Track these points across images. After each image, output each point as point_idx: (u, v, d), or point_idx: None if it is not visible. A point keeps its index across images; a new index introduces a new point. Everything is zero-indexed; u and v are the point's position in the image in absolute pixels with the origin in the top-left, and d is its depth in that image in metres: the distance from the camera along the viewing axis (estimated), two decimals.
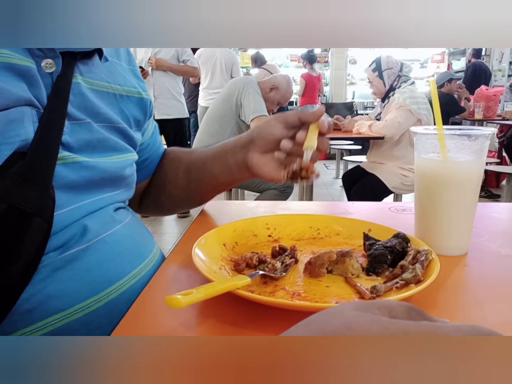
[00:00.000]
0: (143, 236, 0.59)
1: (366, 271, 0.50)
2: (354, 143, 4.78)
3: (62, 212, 0.46)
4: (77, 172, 0.48)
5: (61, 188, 0.45)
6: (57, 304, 0.44)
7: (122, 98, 0.57)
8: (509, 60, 6.16)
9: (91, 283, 0.46)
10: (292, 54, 7.50)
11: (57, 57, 0.45)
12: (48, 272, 0.44)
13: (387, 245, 0.51)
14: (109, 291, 0.48)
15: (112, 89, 0.55)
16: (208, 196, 0.73)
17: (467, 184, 0.56)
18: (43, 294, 0.43)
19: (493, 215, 0.78)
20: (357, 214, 0.77)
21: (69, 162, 0.47)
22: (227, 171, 0.64)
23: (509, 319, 0.42)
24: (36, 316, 0.42)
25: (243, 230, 0.60)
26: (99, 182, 0.51)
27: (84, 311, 0.45)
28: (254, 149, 0.60)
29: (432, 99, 0.59)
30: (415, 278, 0.44)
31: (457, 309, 0.44)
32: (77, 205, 0.48)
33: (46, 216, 0.43)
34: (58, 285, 0.44)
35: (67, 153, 0.46)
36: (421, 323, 0.22)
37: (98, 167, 0.50)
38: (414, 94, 2.34)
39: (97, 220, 0.50)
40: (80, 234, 0.47)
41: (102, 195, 0.52)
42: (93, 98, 0.51)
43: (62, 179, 0.46)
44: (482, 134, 0.54)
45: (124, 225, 0.54)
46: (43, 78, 0.44)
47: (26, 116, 0.42)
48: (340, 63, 7.16)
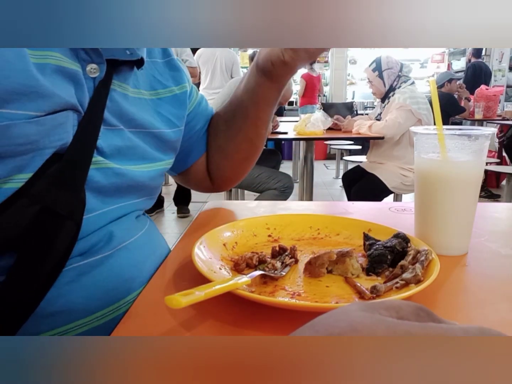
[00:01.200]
0: (160, 243, 0.60)
1: (366, 271, 0.50)
2: (354, 143, 4.78)
3: (90, 216, 0.46)
4: (109, 177, 0.48)
5: (92, 192, 0.46)
6: (80, 310, 0.44)
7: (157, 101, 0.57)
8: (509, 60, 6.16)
9: (113, 290, 0.47)
10: None
11: (102, 63, 0.46)
12: (73, 277, 0.44)
13: (387, 245, 0.51)
14: (128, 299, 0.48)
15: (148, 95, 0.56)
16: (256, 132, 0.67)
17: (467, 184, 0.56)
18: (67, 298, 0.43)
19: (493, 215, 0.78)
20: (357, 214, 0.77)
21: (102, 167, 0.47)
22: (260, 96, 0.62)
23: (509, 319, 0.42)
24: (59, 320, 0.43)
25: (243, 230, 0.60)
26: (126, 189, 0.52)
27: (104, 318, 0.45)
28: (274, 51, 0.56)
29: (432, 99, 0.59)
30: (415, 278, 0.44)
31: (457, 309, 0.44)
32: (104, 210, 0.48)
33: (77, 219, 0.43)
34: (82, 291, 0.44)
35: (100, 158, 0.47)
36: (427, 325, 0.22)
37: (127, 174, 0.51)
38: (415, 94, 2.34)
39: (122, 227, 0.50)
40: (106, 240, 0.48)
41: (127, 202, 0.53)
42: (127, 104, 0.51)
43: (94, 183, 0.46)
44: (482, 134, 0.54)
45: (144, 232, 0.55)
46: (86, 82, 0.45)
47: (69, 120, 0.43)
48: (340, 63, 7.16)
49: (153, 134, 0.55)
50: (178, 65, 0.63)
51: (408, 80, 2.43)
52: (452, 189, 0.56)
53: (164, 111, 0.58)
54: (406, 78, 2.44)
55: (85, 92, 0.45)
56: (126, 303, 0.47)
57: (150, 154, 0.56)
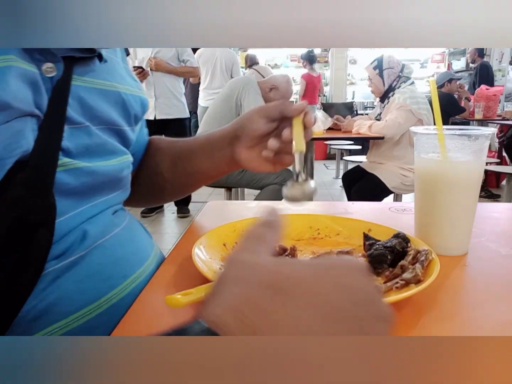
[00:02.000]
0: (142, 238, 0.58)
1: None
2: (354, 143, 4.78)
3: (62, 219, 0.45)
4: (78, 178, 0.47)
5: (62, 195, 0.45)
6: (57, 312, 0.43)
7: (125, 95, 0.56)
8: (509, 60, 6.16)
9: (91, 289, 0.46)
10: (292, 54, 7.49)
11: (58, 61, 0.44)
12: (49, 281, 0.43)
13: (387, 245, 0.51)
14: (109, 296, 0.47)
15: (114, 87, 0.54)
16: (194, 187, 0.72)
17: (467, 184, 0.56)
18: (45, 302, 0.42)
19: (493, 215, 0.78)
20: (357, 214, 0.77)
21: (70, 168, 0.46)
22: (215, 165, 0.64)
23: (509, 319, 0.42)
24: (40, 324, 0.42)
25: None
26: (99, 186, 0.51)
27: (85, 318, 0.44)
28: (240, 145, 0.60)
29: (432, 99, 0.59)
30: (415, 278, 0.44)
31: (457, 309, 0.44)
32: (77, 211, 0.47)
33: (49, 225, 0.42)
34: (59, 293, 0.43)
35: (67, 159, 0.45)
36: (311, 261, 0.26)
37: (98, 171, 0.49)
38: (415, 94, 2.34)
39: (96, 225, 0.49)
40: (79, 240, 0.46)
41: (101, 199, 0.52)
42: (92, 99, 0.50)
43: (63, 186, 0.45)
44: (482, 134, 0.54)
45: (123, 228, 0.53)
46: (44, 83, 0.43)
47: (27, 126, 0.41)
48: (340, 63, 7.16)
49: (117, 131, 0.55)
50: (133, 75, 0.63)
51: (408, 80, 2.43)
52: (452, 189, 0.56)
53: (130, 108, 0.57)
54: (406, 79, 2.44)
55: (43, 94, 0.43)
56: (107, 301, 0.46)
57: (118, 148, 0.55)
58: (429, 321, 0.41)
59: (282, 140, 0.56)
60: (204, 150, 0.65)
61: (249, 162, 0.60)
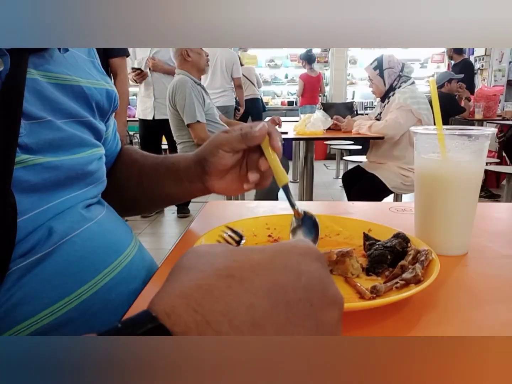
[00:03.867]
0: (119, 231, 0.56)
1: (366, 271, 0.50)
2: (354, 143, 4.78)
3: (26, 217, 0.43)
4: (39, 174, 0.45)
5: (23, 192, 0.43)
6: (24, 311, 0.42)
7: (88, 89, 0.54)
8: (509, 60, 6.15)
9: (60, 285, 0.44)
10: (292, 54, 7.49)
11: (4, 55, 0.42)
12: (14, 281, 0.42)
13: (387, 245, 0.51)
14: (80, 291, 0.45)
15: (75, 81, 0.52)
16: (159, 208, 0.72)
17: (467, 184, 0.56)
18: (11, 302, 0.41)
19: (493, 215, 0.78)
20: (357, 214, 0.77)
21: (30, 164, 0.44)
22: (185, 192, 0.64)
23: (509, 319, 0.42)
24: (6, 324, 0.41)
25: (243, 230, 0.59)
26: (66, 181, 0.49)
27: (54, 315, 0.43)
28: (211, 179, 0.59)
29: (432, 99, 0.59)
30: (415, 278, 0.44)
31: (457, 309, 0.44)
32: (42, 208, 0.46)
33: (8, 226, 0.41)
34: (24, 292, 0.42)
35: (26, 156, 0.44)
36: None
37: (62, 166, 0.48)
38: (415, 94, 2.34)
39: (63, 221, 0.47)
40: (45, 237, 0.45)
41: (70, 194, 0.50)
42: (53, 93, 0.48)
43: (23, 183, 0.43)
44: (482, 134, 0.54)
45: (96, 222, 0.52)
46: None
47: None
48: (340, 63, 7.16)
49: (83, 123, 0.53)
50: (101, 69, 0.61)
51: (409, 80, 2.43)
52: (452, 189, 0.56)
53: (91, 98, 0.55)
54: (406, 78, 2.44)
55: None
56: (78, 296, 0.45)
57: (88, 141, 0.53)
58: (429, 321, 0.41)
59: (261, 170, 0.56)
60: (171, 176, 0.64)
61: (224, 191, 0.61)
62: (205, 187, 0.61)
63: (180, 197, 0.67)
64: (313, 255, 0.26)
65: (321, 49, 7.15)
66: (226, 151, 0.56)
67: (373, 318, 0.41)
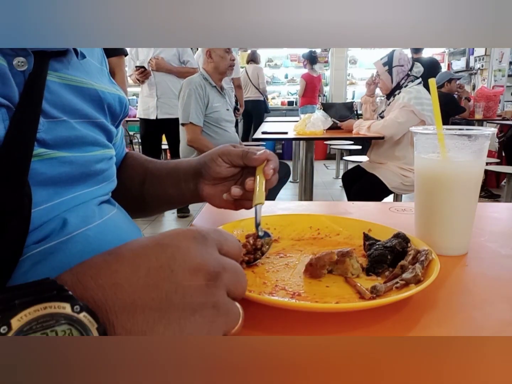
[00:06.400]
0: (130, 229, 0.59)
1: (366, 271, 0.50)
2: (354, 143, 4.78)
3: (41, 208, 0.45)
4: (55, 168, 0.47)
5: (39, 185, 0.45)
6: None
7: (102, 93, 0.56)
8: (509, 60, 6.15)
9: None
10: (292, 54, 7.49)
11: (29, 55, 0.45)
12: (29, 266, 0.43)
13: (387, 245, 0.51)
14: None
15: (91, 85, 0.55)
16: (161, 210, 0.76)
17: (467, 184, 0.56)
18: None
19: (493, 215, 0.78)
20: (357, 214, 0.77)
21: (46, 158, 0.46)
22: (180, 194, 0.67)
23: (509, 319, 0.42)
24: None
25: (243, 230, 0.60)
26: (80, 177, 0.51)
27: None
28: (203, 182, 0.64)
29: (432, 99, 0.59)
30: (415, 278, 0.44)
31: (457, 309, 0.44)
32: (57, 201, 0.48)
33: (23, 215, 0.43)
34: (40, 277, 0.43)
35: (43, 150, 0.46)
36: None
37: (76, 162, 0.50)
38: (420, 94, 2.32)
39: (77, 214, 0.49)
40: (59, 228, 0.47)
41: (84, 190, 0.52)
42: (69, 95, 0.51)
43: (40, 175, 0.45)
44: (482, 134, 0.54)
45: (109, 218, 0.54)
46: (15, 77, 0.44)
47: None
48: (340, 63, 7.16)
49: (97, 124, 0.55)
50: (111, 78, 0.64)
51: (416, 80, 2.42)
52: (452, 189, 0.56)
53: (104, 102, 0.57)
54: (414, 78, 2.42)
55: (13, 87, 0.44)
56: None
57: (101, 142, 0.55)
58: (429, 321, 0.41)
59: (245, 188, 0.59)
60: (171, 178, 0.68)
61: (211, 199, 0.64)
62: (196, 189, 0.65)
63: (177, 199, 0.69)
64: (190, 235, 0.31)
65: (321, 49, 7.15)
66: (225, 161, 0.62)
67: (373, 318, 0.41)
